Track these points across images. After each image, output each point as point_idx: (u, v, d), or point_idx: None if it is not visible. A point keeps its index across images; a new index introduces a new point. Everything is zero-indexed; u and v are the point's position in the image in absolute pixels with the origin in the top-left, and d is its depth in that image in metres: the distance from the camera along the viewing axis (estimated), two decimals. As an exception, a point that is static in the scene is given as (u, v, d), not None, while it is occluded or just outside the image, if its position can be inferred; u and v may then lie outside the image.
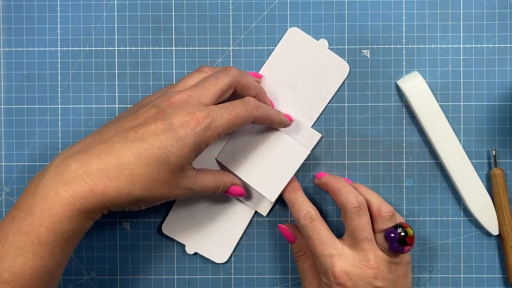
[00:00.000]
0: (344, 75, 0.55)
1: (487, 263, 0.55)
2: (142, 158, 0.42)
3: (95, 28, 0.56)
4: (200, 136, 0.44)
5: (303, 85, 0.55)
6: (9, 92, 0.56)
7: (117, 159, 0.42)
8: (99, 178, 0.41)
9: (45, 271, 0.42)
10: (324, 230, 0.49)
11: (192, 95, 0.45)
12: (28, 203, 0.41)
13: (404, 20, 0.55)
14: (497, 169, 0.54)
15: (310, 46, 0.55)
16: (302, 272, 0.52)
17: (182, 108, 0.44)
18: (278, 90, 0.55)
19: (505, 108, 0.55)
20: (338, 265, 0.47)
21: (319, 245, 0.48)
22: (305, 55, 0.55)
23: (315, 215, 0.49)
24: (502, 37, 0.55)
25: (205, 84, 0.46)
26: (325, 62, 0.55)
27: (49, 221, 0.40)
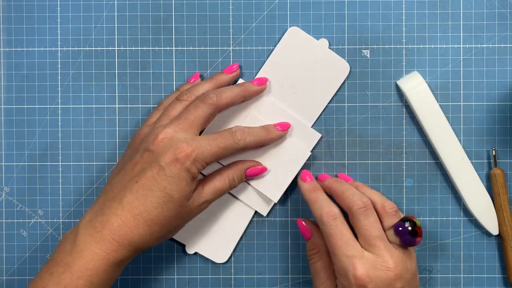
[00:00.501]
0: (344, 75, 0.55)
1: (487, 263, 0.55)
2: (149, 204, 0.47)
3: (95, 28, 0.56)
4: (191, 168, 0.48)
5: (303, 85, 0.55)
6: (9, 92, 0.56)
7: (130, 212, 0.47)
8: (122, 232, 0.47)
9: None
10: (346, 230, 0.48)
11: (176, 129, 0.48)
12: (66, 260, 0.47)
13: (404, 20, 0.55)
14: (497, 169, 0.54)
15: (310, 46, 0.55)
16: (314, 271, 0.51)
17: (169, 145, 0.48)
18: (278, 89, 0.55)
19: (505, 108, 0.55)
20: (359, 267, 0.46)
21: (341, 244, 0.47)
22: (305, 54, 0.55)
23: (338, 213, 0.48)
24: (502, 37, 0.55)
25: (187, 116, 0.49)
26: (326, 61, 0.55)
27: (86, 275, 0.46)
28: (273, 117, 0.55)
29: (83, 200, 0.56)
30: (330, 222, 0.48)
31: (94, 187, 0.56)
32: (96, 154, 0.56)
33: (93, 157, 0.56)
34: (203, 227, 0.55)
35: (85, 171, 0.56)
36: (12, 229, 0.56)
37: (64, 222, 0.56)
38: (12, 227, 0.56)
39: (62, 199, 0.56)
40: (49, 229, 0.56)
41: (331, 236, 0.48)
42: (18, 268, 0.56)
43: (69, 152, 0.56)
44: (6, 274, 0.56)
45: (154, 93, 0.56)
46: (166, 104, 0.53)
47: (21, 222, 0.56)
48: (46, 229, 0.56)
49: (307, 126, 0.55)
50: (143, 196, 0.47)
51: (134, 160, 0.49)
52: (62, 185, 0.56)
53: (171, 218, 0.48)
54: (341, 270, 0.47)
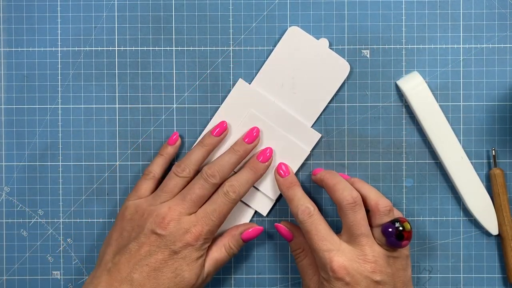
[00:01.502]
0: (344, 75, 0.55)
1: (486, 263, 0.55)
2: (161, 285, 0.48)
3: (95, 28, 0.56)
4: (202, 246, 0.50)
5: (303, 85, 0.55)
6: (9, 92, 0.56)
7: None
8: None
9: None
10: (322, 226, 0.49)
11: (182, 212, 0.50)
12: None
13: (404, 20, 0.55)
14: (497, 169, 0.54)
15: (310, 46, 0.55)
16: (302, 269, 0.52)
17: (177, 229, 0.49)
18: (278, 89, 0.55)
19: (505, 108, 0.55)
20: (336, 260, 0.47)
21: (317, 240, 0.48)
22: (305, 54, 0.55)
23: (314, 210, 0.50)
24: (502, 37, 0.55)
25: (188, 197, 0.51)
26: (326, 61, 0.55)
27: None
28: (273, 117, 0.55)
29: (83, 200, 0.56)
30: (306, 219, 0.49)
31: (94, 187, 0.56)
32: (96, 154, 0.56)
33: (93, 157, 0.56)
34: None
35: (85, 171, 0.56)
36: (12, 229, 0.56)
37: (64, 222, 0.56)
38: (12, 227, 0.56)
39: (62, 199, 0.56)
40: (49, 229, 0.56)
41: (309, 232, 0.49)
42: (18, 268, 0.56)
43: (69, 152, 0.56)
44: (6, 274, 0.56)
45: (154, 93, 0.56)
46: (155, 172, 0.54)
47: (21, 222, 0.56)
48: (46, 229, 0.56)
49: (307, 126, 0.55)
50: (154, 278, 0.48)
51: (140, 241, 0.49)
52: (62, 185, 0.56)
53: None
54: (320, 264, 0.48)
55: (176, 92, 0.56)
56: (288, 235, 0.53)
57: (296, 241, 0.53)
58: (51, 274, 0.56)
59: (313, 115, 0.55)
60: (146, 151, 0.56)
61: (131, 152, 0.56)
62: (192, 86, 0.56)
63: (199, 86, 0.56)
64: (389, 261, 0.48)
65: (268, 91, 0.55)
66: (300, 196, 0.51)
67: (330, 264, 0.47)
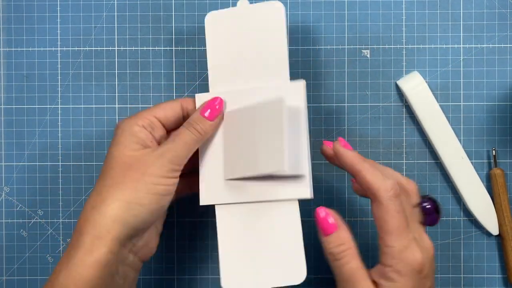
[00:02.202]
0: (281, 13, 0.47)
1: (487, 263, 0.55)
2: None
3: (95, 28, 0.56)
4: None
5: (253, 52, 0.48)
6: (9, 92, 0.56)
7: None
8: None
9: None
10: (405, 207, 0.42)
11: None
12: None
13: (404, 20, 0.55)
14: (497, 169, 0.54)
15: (234, 16, 0.48)
16: (349, 275, 0.42)
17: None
18: (237, 74, 0.48)
19: (505, 108, 0.55)
20: (419, 250, 0.41)
21: (404, 226, 0.41)
22: (235, 27, 0.48)
23: (399, 189, 0.42)
24: (502, 37, 0.55)
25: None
26: (256, 17, 0.48)
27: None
28: (250, 101, 0.47)
29: (83, 200, 0.56)
30: (393, 199, 0.41)
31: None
32: (96, 154, 0.56)
33: (93, 157, 0.56)
34: (262, 254, 0.46)
35: (85, 171, 0.56)
36: (12, 229, 0.56)
37: (64, 222, 0.56)
38: (12, 227, 0.56)
39: (62, 199, 0.56)
40: (49, 229, 0.56)
41: (392, 216, 0.41)
42: (18, 268, 0.56)
43: (69, 152, 0.56)
44: (6, 274, 0.56)
45: (154, 93, 0.56)
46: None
47: (21, 222, 0.56)
48: (46, 229, 0.56)
49: (284, 83, 0.47)
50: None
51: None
52: (62, 185, 0.56)
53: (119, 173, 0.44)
54: (402, 253, 0.41)
55: (176, 92, 0.56)
56: (332, 225, 0.43)
57: (340, 234, 0.43)
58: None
59: (283, 69, 0.47)
60: (146, 151, 0.56)
61: (131, 152, 0.56)
62: (192, 86, 0.56)
63: (199, 86, 0.56)
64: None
65: (229, 84, 0.48)
66: (377, 168, 0.43)
67: (415, 257, 0.41)
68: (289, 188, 0.45)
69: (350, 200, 0.56)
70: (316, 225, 0.44)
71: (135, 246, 0.45)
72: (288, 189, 0.45)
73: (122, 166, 0.44)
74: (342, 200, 0.56)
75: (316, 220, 0.44)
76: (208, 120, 0.47)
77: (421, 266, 0.41)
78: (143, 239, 0.46)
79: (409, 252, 0.41)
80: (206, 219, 0.56)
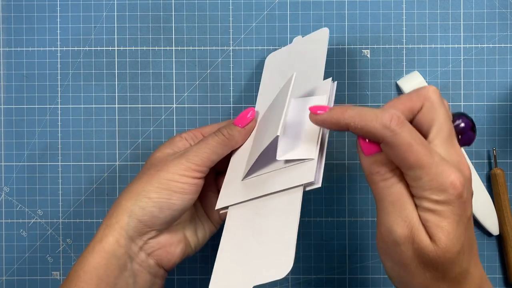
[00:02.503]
0: (325, 38, 0.49)
1: (487, 263, 0.55)
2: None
3: (95, 28, 0.56)
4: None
5: (301, 79, 0.48)
6: (8, 92, 0.56)
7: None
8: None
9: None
10: (419, 135, 0.37)
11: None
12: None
13: (405, 20, 0.55)
14: (498, 169, 0.54)
15: (290, 52, 0.53)
16: (394, 200, 0.37)
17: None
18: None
19: (506, 108, 0.55)
20: (454, 173, 0.36)
21: (425, 151, 0.36)
22: (291, 62, 0.52)
23: (403, 117, 0.37)
24: (503, 37, 0.55)
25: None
26: (306, 47, 0.51)
27: None
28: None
29: (83, 200, 0.56)
30: (398, 129, 0.36)
31: (94, 187, 0.56)
32: (96, 154, 0.56)
33: (93, 157, 0.56)
34: (252, 248, 0.43)
35: (85, 171, 0.56)
36: (11, 229, 0.56)
37: (64, 222, 0.56)
38: (12, 227, 0.56)
39: (61, 199, 0.56)
40: (48, 229, 0.56)
41: (409, 145, 0.36)
42: (17, 268, 0.56)
43: (69, 152, 0.56)
44: (6, 275, 0.56)
45: (154, 93, 0.56)
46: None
47: (21, 222, 0.56)
48: (45, 229, 0.56)
49: (314, 84, 0.47)
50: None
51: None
52: (62, 185, 0.56)
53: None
54: (434, 183, 0.36)
55: (175, 92, 0.56)
56: (373, 145, 0.38)
57: (384, 155, 0.38)
58: (51, 275, 0.56)
59: (317, 80, 0.47)
60: (146, 151, 0.56)
61: (130, 152, 0.56)
62: (192, 86, 0.56)
63: (199, 86, 0.56)
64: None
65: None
66: (368, 108, 0.38)
67: (450, 179, 0.36)
68: (295, 174, 0.43)
69: (350, 200, 0.56)
70: (357, 147, 0.39)
71: (147, 245, 0.45)
72: (293, 176, 0.43)
73: (147, 166, 0.47)
74: (342, 200, 0.56)
75: (359, 140, 0.39)
76: (236, 125, 0.48)
77: (459, 189, 0.36)
78: (158, 240, 0.46)
79: (441, 177, 0.36)
80: (206, 219, 0.56)
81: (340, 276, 0.55)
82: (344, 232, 0.56)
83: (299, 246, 0.56)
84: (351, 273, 0.56)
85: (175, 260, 0.47)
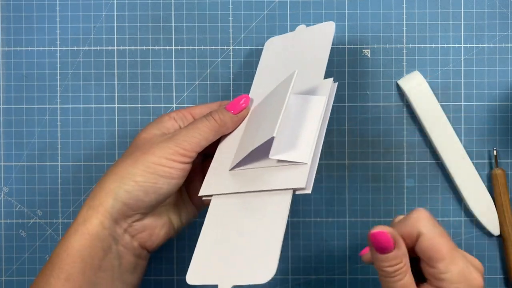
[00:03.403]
0: (331, 31, 0.48)
1: (488, 264, 0.55)
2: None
3: (95, 27, 0.56)
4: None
5: (294, 63, 0.49)
6: (8, 92, 0.56)
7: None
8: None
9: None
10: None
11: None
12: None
13: (405, 19, 0.55)
14: (498, 169, 0.54)
15: (291, 39, 0.51)
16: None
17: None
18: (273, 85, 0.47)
19: (506, 108, 0.55)
20: (476, 271, 0.40)
21: (453, 247, 0.40)
22: (290, 49, 0.50)
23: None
24: (503, 37, 0.55)
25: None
26: (309, 37, 0.50)
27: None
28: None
29: (82, 200, 0.56)
30: (431, 223, 0.40)
31: (94, 187, 0.56)
32: (95, 154, 0.56)
33: (92, 157, 0.56)
34: (235, 250, 0.41)
35: (84, 171, 0.56)
36: (11, 229, 0.56)
37: (63, 223, 0.56)
38: (11, 227, 0.56)
39: (61, 199, 0.56)
40: (48, 230, 0.56)
41: (439, 242, 0.39)
42: (17, 269, 0.56)
43: (68, 152, 0.56)
44: (5, 275, 0.56)
45: (154, 93, 0.55)
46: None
47: (20, 222, 0.56)
48: (45, 230, 0.56)
49: (315, 81, 0.46)
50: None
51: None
52: (61, 185, 0.56)
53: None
54: (458, 278, 0.39)
55: (175, 91, 0.55)
56: (389, 242, 0.39)
57: (398, 253, 0.39)
58: (50, 275, 0.56)
59: (318, 77, 0.47)
60: (146, 151, 0.55)
61: (130, 152, 0.56)
62: (191, 86, 0.56)
63: (198, 85, 0.56)
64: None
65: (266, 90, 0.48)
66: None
67: (474, 278, 0.40)
68: (286, 176, 0.42)
69: (350, 200, 0.55)
70: (369, 242, 0.40)
71: (132, 227, 0.45)
72: (284, 178, 0.42)
73: (133, 147, 0.45)
74: (342, 200, 0.55)
75: (370, 238, 0.39)
76: (228, 111, 0.47)
77: (481, 285, 0.40)
78: (143, 223, 0.45)
79: (469, 273, 0.39)
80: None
81: (340, 276, 0.55)
82: (345, 233, 0.55)
83: (299, 247, 0.55)
84: (351, 274, 0.55)
85: (159, 242, 0.47)
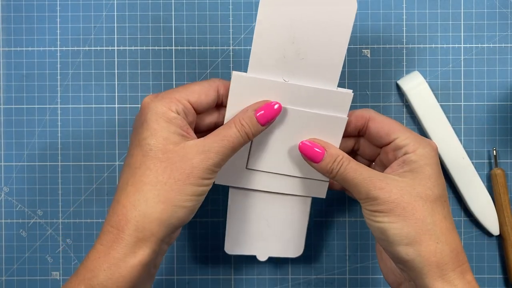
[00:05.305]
0: (353, 11, 0.44)
1: (487, 264, 0.55)
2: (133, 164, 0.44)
3: (95, 27, 0.56)
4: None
5: (308, 45, 0.44)
6: (8, 92, 0.56)
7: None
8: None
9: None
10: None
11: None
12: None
13: (405, 19, 0.55)
14: (498, 169, 0.54)
15: (300, 6, 0.44)
16: (355, 175, 0.43)
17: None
18: (282, 64, 0.45)
19: (506, 108, 0.55)
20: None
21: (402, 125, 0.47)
22: (296, 10, 0.44)
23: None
24: (503, 37, 0.55)
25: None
26: (324, 5, 0.44)
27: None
28: (291, 99, 0.46)
29: (83, 200, 0.56)
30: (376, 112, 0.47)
31: (94, 187, 0.56)
32: (96, 154, 0.56)
33: (93, 157, 0.56)
34: (266, 231, 0.51)
35: (85, 171, 0.56)
36: (11, 229, 0.56)
37: (64, 223, 0.56)
38: (12, 227, 0.56)
39: (61, 199, 0.56)
40: (48, 230, 0.56)
41: (390, 120, 0.47)
42: (17, 269, 0.56)
43: (69, 152, 0.56)
44: (6, 275, 0.56)
45: (154, 92, 0.55)
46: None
47: (20, 222, 0.56)
48: (45, 230, 0.56)
49: (332, 90, 0.46)
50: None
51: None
52: (62, 185, 0.56)
53: (159, 171, 0.42)
54: (415, 142, 0.45)
55: (175, 92, 0.55)
56: (320, 149, 0.45)
57: (331, 152, 0.45)
58: (51, 275, 0.56)
59: (334, 75, 0.45)
60: (146, 151, 0.56)
61: (130, 152, 0.56)
62: (191, 86, 0.56)
63: (198, 86, 0.55)
64: None
65: (270, 72, 0.45)
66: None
67: (430, 142, 0.45)
68: (308, 186, 0.49)
69: (350, 200, 0.55)
70: (306, 158, 0.46)
71: (171, 238, 0.46)
72: (307, 187, 0.49)
73: (165, 162, 0.42)
74: (342, 200, 0.56)
75: (303, 154, 0.46)
76: (260, 124, 0.45)
77: (436, 146, 0.45)
78: (178, 230, 0.47)
79: (421, 138, 0.45)
80: (206, 219, 0.56)
81: (340, 276, 0.55)
82: (344, 232, 0.55)
83: (299, 246, 0.56)
84: (351, 273, 0.55)
85: (179, 234, 0.50)
